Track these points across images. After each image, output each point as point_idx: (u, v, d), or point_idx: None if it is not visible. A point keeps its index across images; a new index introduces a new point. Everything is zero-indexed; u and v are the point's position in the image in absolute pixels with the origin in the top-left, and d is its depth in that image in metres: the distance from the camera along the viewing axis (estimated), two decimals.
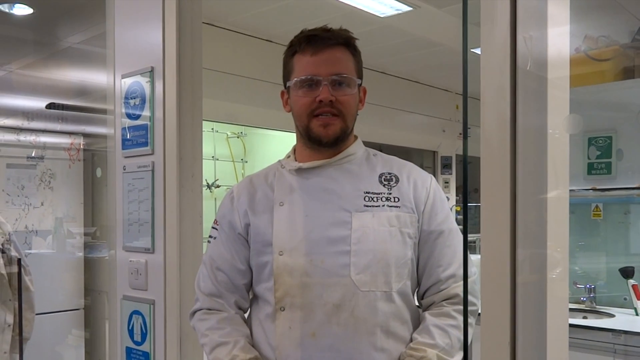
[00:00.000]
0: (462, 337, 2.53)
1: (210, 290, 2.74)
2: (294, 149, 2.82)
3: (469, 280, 2.57)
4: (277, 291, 2.58)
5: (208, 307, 2.74)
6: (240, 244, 2.74)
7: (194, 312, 2.78)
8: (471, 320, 2.57)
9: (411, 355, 2.49)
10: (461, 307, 2.56)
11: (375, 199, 2.61)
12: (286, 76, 2.74)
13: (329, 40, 2.63)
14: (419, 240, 2.65)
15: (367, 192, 2.62)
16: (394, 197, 2.62)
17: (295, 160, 2.76)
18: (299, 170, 2.71)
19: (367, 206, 2.59)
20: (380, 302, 2.53)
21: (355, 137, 2.79)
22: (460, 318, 2.54)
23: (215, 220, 2.84)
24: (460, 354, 2.55)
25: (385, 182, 2.67)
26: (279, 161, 2.85)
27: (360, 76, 2.72)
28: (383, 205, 2.60)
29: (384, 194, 2.63)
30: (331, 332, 2.51)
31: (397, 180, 2.68)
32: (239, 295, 2.75)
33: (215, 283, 2.73)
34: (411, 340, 2.60)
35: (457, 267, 2.62)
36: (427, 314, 2.61)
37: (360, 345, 2.50)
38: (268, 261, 2.63)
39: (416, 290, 2.72)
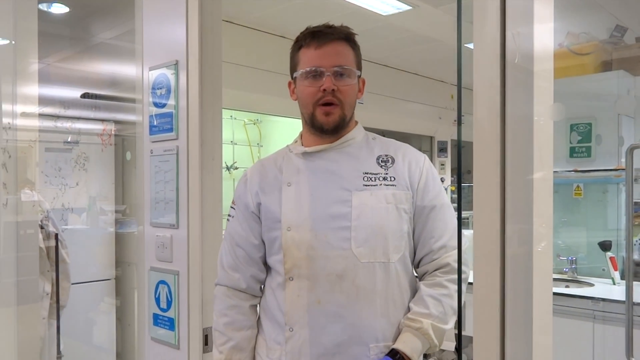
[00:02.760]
0: (454, 305, 2.55)
1: (230, 265, 2.79)
2: (301, 135, 2.85)
3: (454, 251, 2.62)
4: (286, 263, 2.62)
5: (226, 285, 2.79)
6: (254, 221, 2.77)
7: (216, 285, 2.85)
8: (463, 287, 2.54)
9: (409, 325, 2.53)
10: (453, 277, 2.58)
11: (373, 179, 2.64)
12: (293, 68, 2.79)
13: (331, 35, 2.68)
14: (414, 214, 2.67)
15: (365, 173, 2.65)
16: (390, 177, 2.65)
17: (302, 145, 2.80)
18: (304, 154, 2.75)
19: (365, 185, 2.62)
20: (379, 272, 2.56)
21: (356, 123, 2.82)
22: (452, 287, 2.57)
23: (232, 200, 2.87)
24: (454, 319, 2.57)
25: (382, 163, 2.69)
26: (287, 146, 2.88)
27: (359, 68, 2.75)
28: (380, 185, 2.63)
29: (381, 174, 2.66)
30: (335, 300, 2.54)
31: (393, 161, 2.70)
32: (256, 268, 2.77)
33: (235, 258, 2.78)
34: (409, 309, 2.62)
35: (448, 239, 2.64)
36: (422, 285, 2.63)
37: (361, 311, 2.53)
38: (277, 236, 2.67)
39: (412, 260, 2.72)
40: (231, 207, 2.87)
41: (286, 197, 2.70)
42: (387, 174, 2.66)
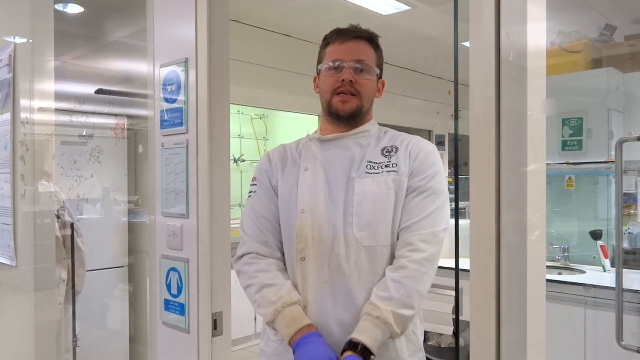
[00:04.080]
0: (420, 287, 2.46)
1: (257, 235, 2.77)
2: (320, 125, 2.92)
3: (429, 231, 2.55)
4: (298, 243, 2.64)
5: (256, 252, 2.76)
6: (275, 195, 2.80)
7: (241, 256, 2.79)
8: (424, 268, 2.50)
9: (369, 313, 2.46)
10: (417, 256, 2.49)
11: (376, 167, 2.66)
12: (319, 62, 2.86)
13: (354, 33, 2.78)
14: (407, 193, 2.64)
15: (369, 161, 2.68)
16: (393, 164, 2.65)
17: (320, 133, 2.85)
18: (321, 141, 2.80)
19: (368, 173, 2.64)
20: (380, 255, 2.57)
21: (371, 118, 2.87)
22: (415, 267, 2.48)
23: (253, 177, 2.90)
24: (419, 302, 2.49)
25: (386, 153, 2.70)
26: (307, 135, 2.93)
27: (379, 68, 2.82)
28: (382, 172, 2.64)
29: (384, 162, 2.67)
30: (340, 281, 2.55)
31: (397, 150, 2.70)
32: (280, 237, 2.77)
33: (260, 228, 2.77)
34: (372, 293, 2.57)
35: (418, 219, 2.58)
36: (387, 269, 2.57)
37: (364, 293, 2.54)
38: (292, 217, 2.70)
39: None
40: (252, 184, 2.90)
41: (303, 181, 2.74)
42: (389, 161, 2.67)
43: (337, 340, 2.52)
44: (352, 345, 2.39)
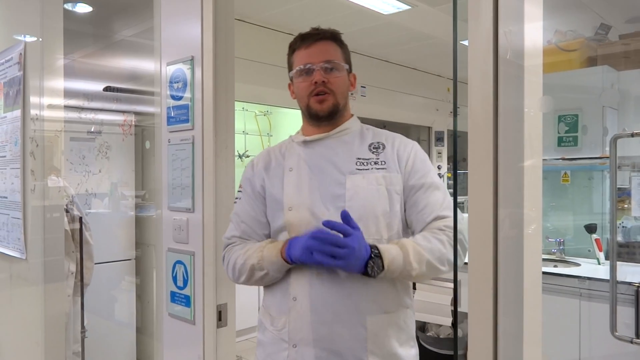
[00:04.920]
0: (444, 254, 2.54)
1: (238, 238, 2.83)
2: (302, 127, 2.94)
3: (451, 218, 2.63)
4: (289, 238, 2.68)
5: (238, 236, 2.84)
6: (260, 202, 2.83)
7: (223, 256, 2.85)
8: (448, 246, 2.59)
9: (392, 242, 2.59)
10: (443, 237, 2.57)
11: (365, 164, 2.71)
12: (289, 69, 2.89)
13: (317, 35, 2.81)
14: (404, 194, 2.72)
15: (358, 158, 2.73)
16: (381, 161, 2.71)
17: (302, 135, 2.88)
18: (305, 142, 2.84)
19: (358, 169, 2.69)
20: None
21: (351, 115, 2.91)
22: (443, 237, 2.57)
23: (240, 184, 2.94)
24: (439, 261, 2.54)
25: (374, 150, 2.76)
26: (290, 136, 2.97)
27: (348, 63, 2.86)
28: (372, 168, 2.70)
29: (373, 159, 2.73)
30: (332, 273, 2.59)
31: (384, 147, 2.76)
32: (261, 240, 2.82)
33: (242, 233, 2.82)
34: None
35: (437, 210, 2.65)
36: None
37: (357, 284, 2.58)
38: (280, 216, 2.74)
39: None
40: (238, 191, 2.94)
41: (288, 180, 2.78)
42: (378, 158, 2.73)
43: (331, 331, 2.59)
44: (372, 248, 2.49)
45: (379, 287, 2.62)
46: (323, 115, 2.77)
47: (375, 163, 2.72)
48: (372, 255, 2.46)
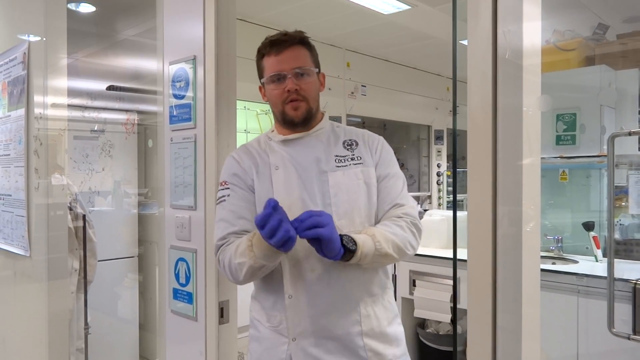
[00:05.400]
0: (406, 237, 2.68)
1: (225, 234, 2.79)
2: (273, 128, 3.00)
3: (408, 206, 2.82)
4: None
5: (235, 232, 2.79)
6: (252, 197, 2.84)
7: (217, 250, 2.81)
8: (412, 230, 2.77)
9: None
10: (402, 223, 2.72)
11: (343, 160, 2.83)
12: (260, 75, 2.92)
13: (286, 42, 2.83)
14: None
15: (336, 156, 2.83)
16: (357, 157, 2.84)
17: (279, 134, 2.92)
18: (285, 142, 2.88)
19: (337, 166, 2.80)
20: None
21: (322, 115, 2.98)
22: (402, 224, 2.73)
23: (223, 182, 2.90)
24: (394, 247, 2.64)
25: (348, 147, 2.88)
26: (266, 134, 3.00)
27: (317, 66, 2.90)
28: (349, 164, 2.82)
29: (349, 155, 2.85)
30: (325, 267, 2.67)
31: (357, 144, 2.89)
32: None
33: (239, 230, 2.79)
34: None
35: (395, 199, 2.82)
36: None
37: (348, 274, 2.72)
38: None
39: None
40: (222, 189, 2.89)
41: (276, 179, 2.81)
42: (353, 155, 2.85)
43: (329, 321, 2.71)
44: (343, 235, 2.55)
45: (367, 274, 2.76)
46: (298, 121, 2.82)
47: (352, 159, 2.84)
48: (342, 236, 2.52)
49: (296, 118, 2.80)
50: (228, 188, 2.87)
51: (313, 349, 2.72)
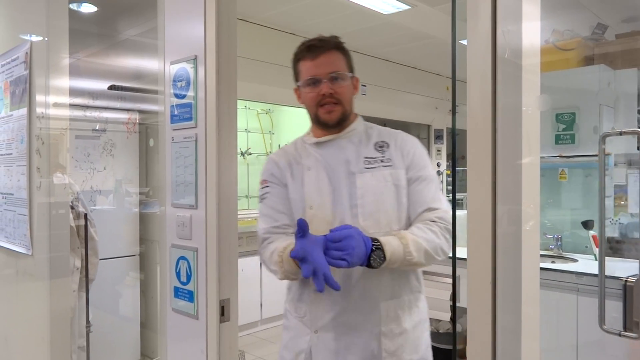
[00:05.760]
0: (438, 244, 2.71)
1: (275, 229, 2.97)
2: (310, 129, 3.08)
3: (442, 210, 2.82)
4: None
5: (276, 227, 2.98)
6: (287, 197, 2.98)
7: (261, 244, 3.00)
8: (446, 236, 2.78)
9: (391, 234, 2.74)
10: (436, 229, 2.74)
11: (372, 162, 2.88)
12: (296, 77, 3.05)
13: (322, 47, 2.92)
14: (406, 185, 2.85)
15: (366, 157, 2.90)
16: (387, 159, 2.88)
17: (313, 137, 3.03)
18: (317, 144, 2.99)
19: (367, 168, 2.87)
20: None
21: (356, 116, 3.03)
22: (435, 229, 2.74)
23: (263, 180, 3.08)
24: (432, 250, 2.71)
25: (379, 148, 2.92)
26: (301, 137, 3.11)
27: (351, 70, 2.97)
28: (379, 167, 2.87)
29: (379, 157, 2.89)
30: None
31: (388, 146, 2.93)
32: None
33: (280, 224, 2.97)
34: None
35: (428, 202, 2.82)
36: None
37: (371, 275, 2.78)
38: (301, 214, 2.89)
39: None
40: (263, 187, 3.07)
41: (307, 180, 2.93)
42: (383, 157, 2.89)
43: (349, 318, 2.83)
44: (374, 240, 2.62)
45: (389, 276, 2.81)
46: (332, 124, 2.91)
47: (382, 161, 2.88)
48: (374, 248, 2.58)
49: (330, 121, 2.90)
50: (268, 186, 3.05)
51: (332, 343, 2.84)
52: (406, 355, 2.84)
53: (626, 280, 2.71)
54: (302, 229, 2.53)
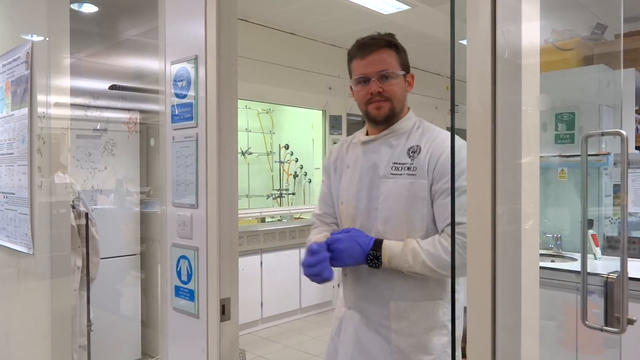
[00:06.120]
0: (445, 260, 2.79)
1: (320, 215, 3.42)
2: (366, 125, 3.29)
3: (463, 225, 2.77)
4: (341, 227, 3.21)
5: (319, 214, 3.43)
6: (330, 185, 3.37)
7: (312, 225, 3.51)
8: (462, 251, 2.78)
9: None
10: (446, 244, 2.82)
11: (400, 169, 2.97)
12: (350, 76, 3.16)
13: (372, 46, 3.04)
14: (432, 196, 2.91)
15: (394, 163, 3.00)
16: (414, 167, 2.96)
17: (364, 134, 3.24)
18: (363, 143, 3.18)
19: (392, 174, 2.98)
20: None
21: (408, 110, 3.24)
22: (446, 245, 2.81)
23: (323, 168, 3.51)
24: (436, 266, 2.82)
25: (412, 154, 3.00)
26: (359, 131, 3.35)
27: (404, 67, 3.13)
28: (404, 174, 2.95)
29: (407, 164, 2.98)
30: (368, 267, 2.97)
31: (420, 152, 2.98)
32: (331, 220, 3.39)
33: (324, 211, 3.42)
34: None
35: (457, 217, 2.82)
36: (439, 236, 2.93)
37: (378, 275, 3.01)
38: (336, 207, 3.29)
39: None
40: (323, 175, 3.50)
41: (344, 177, 3.22)
42: (412, 164, 2.97)
43: (364, 306, 3.10)
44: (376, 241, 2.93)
45: (400, 278, 2.94)
46: (380, 120, 3.07)
47: (408, 169, 2.96)
48: (372, 250, 2.89)
49: (378, 117, 3.06)
50: (324, 175, 3.46)
51: (357, 321, 3.10)
52: (415, 355, 2.94)
53: (607, 277, 2.74)
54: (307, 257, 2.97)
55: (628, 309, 2.39)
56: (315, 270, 2.89)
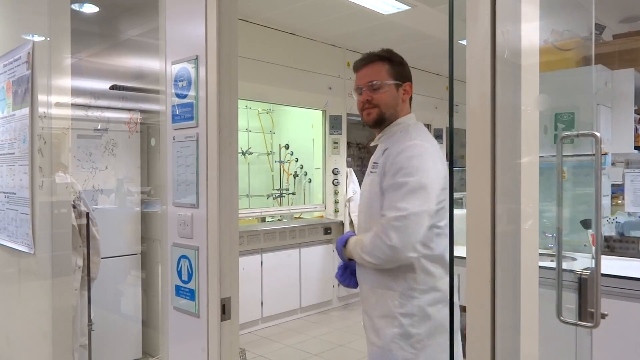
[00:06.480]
0: (369, 249, 3.17)
1: None
2: None
3: (392, 216, 3.12)
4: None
5: None
6: None
7: None
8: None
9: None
10: (372, 235, 3.18)
11: (374, 167, 3.35)
12: None
13: (364, 60, 3.47)
14: (382, 190, 3.23)
15: (373, 162, 3.38)
16: (379, 165, 3.30)
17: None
18: (371, 147, 3.57)
19: (371, 172, 3.38)
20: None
21: (404, 116, 3.47)
22: (373, 234, 3.18)
23: None
24: (362, 251, 3.24)
25: (383, 153, 3.30)
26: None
27: (396, 77, 3.44)
28: (375, 172, 3.30)
29: (379, 163, 3.29)
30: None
31: (388, 152, 3.26)
32: None
33: None
34: None
35: (385, 209, 3.16)
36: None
37: (360, 266, 3.49)
38: None
39: None
40: None
41: (364, 181, 3.52)
42: (379, 162, 3.27)
43: (367, 295, 3.42)
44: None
45: (373, 271, 3.31)
46: (370, 125, 3.45)
47: (376, 167, 3.32)
48: (344, 245, 3.44)
49: (368, 122, 3.44)
50: None
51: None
52: (369, 334, 3.36)
53: (581, 273, 2.81)
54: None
55: (601, 304, 2.42)
56: (343, 282, 3.63)
